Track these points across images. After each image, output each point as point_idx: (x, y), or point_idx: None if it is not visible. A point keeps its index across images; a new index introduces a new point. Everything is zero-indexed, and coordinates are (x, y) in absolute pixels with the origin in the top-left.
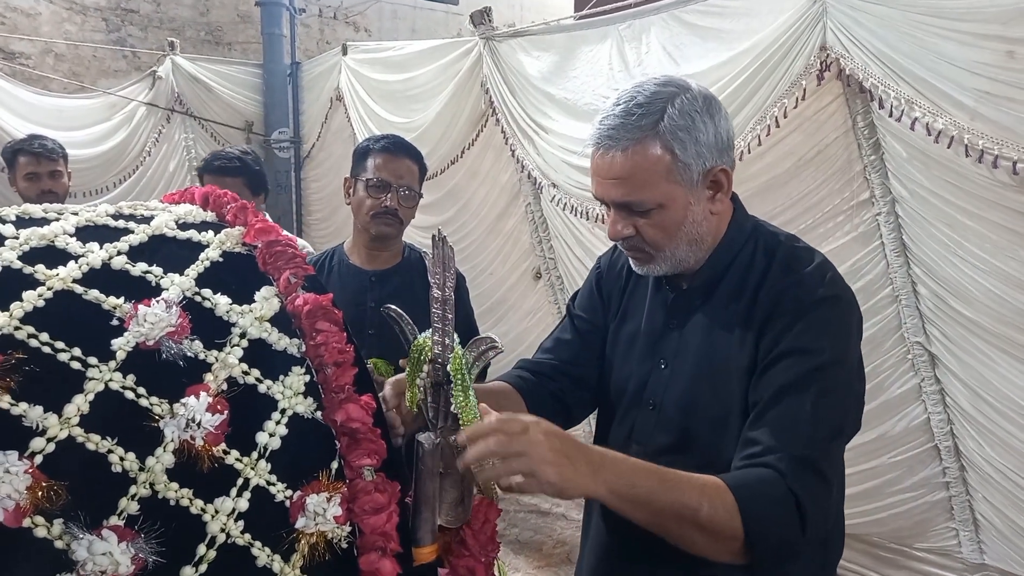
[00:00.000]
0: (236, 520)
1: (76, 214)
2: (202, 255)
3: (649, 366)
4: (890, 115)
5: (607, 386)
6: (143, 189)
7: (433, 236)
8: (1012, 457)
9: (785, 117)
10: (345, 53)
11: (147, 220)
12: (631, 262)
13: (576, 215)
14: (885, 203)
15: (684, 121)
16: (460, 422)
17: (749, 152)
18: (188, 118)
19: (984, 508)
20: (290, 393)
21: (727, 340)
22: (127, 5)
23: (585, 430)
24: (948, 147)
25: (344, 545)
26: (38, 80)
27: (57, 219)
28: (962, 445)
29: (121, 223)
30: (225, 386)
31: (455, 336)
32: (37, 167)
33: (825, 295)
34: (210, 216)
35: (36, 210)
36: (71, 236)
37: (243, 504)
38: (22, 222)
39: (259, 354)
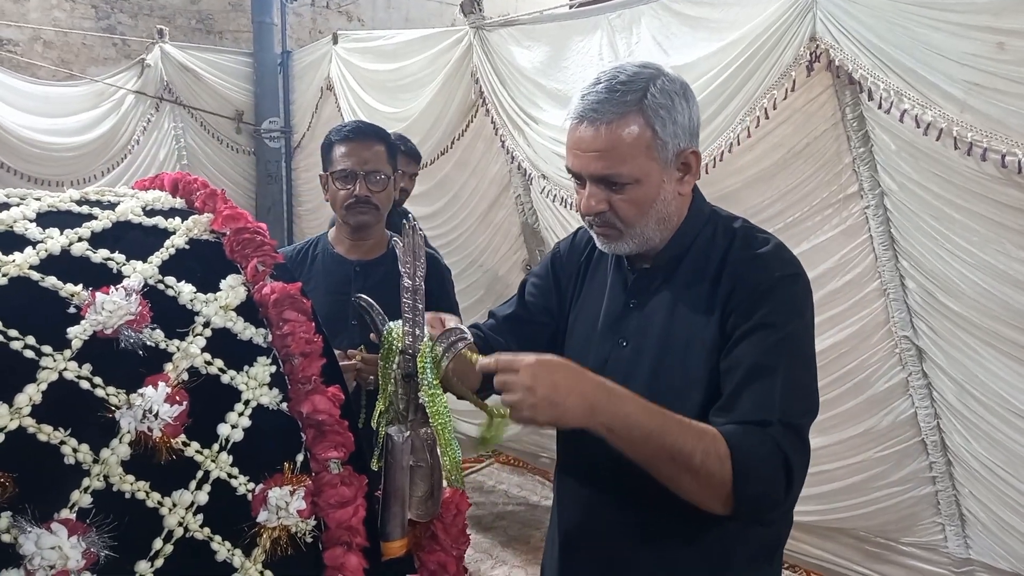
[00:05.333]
0: (195, 513)
1: (39, 199)
2: (167, 242)
3: (609, 346)
4: (879, 107)
5: None
6: (132, 178)
7: (403, 224)
8: (998, 452)
9: (775, 108)
10: (336, 42)
11: (112, 206)
12: (597, 240)
13: (566, 207)
14: (874, 196)
15: (665, 100)
16: (429, 414)
17: (739, 144)
18: (177, 107)
19: (970, 503)
20: (254, 384)
21: (691, 316)
22: None
23: None
24: (937, 139)
25: (308, 539)
26: (26, 67)
27: (19, 204)
28: (949, 440)
29: (85, 209)
30: (186, 376)
31: (426, 327)
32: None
33: (785, 273)
34: (179, 203)
35: None
36: (31, 221)
37: (203, 497)
38: None
39: (223, 344)
